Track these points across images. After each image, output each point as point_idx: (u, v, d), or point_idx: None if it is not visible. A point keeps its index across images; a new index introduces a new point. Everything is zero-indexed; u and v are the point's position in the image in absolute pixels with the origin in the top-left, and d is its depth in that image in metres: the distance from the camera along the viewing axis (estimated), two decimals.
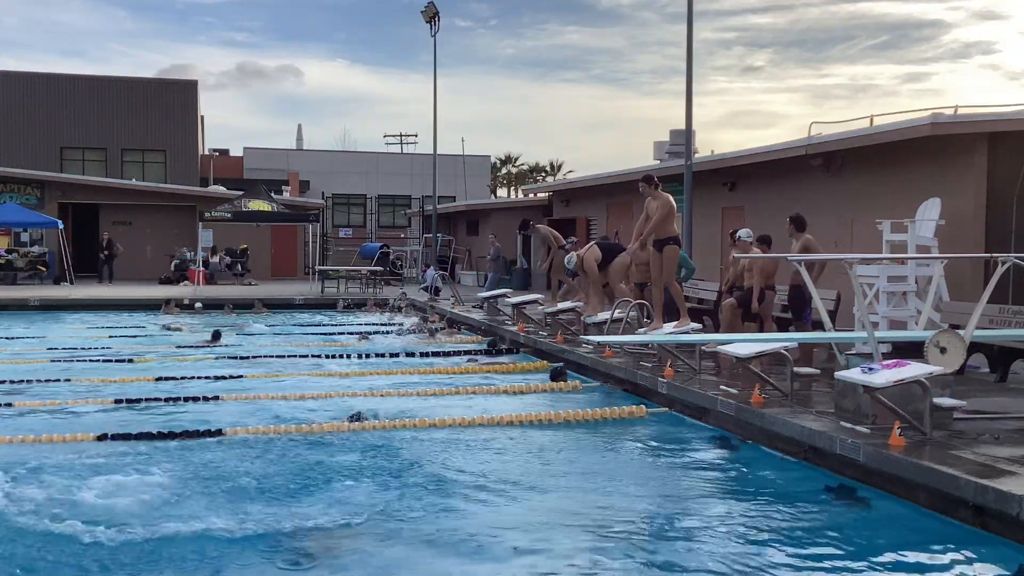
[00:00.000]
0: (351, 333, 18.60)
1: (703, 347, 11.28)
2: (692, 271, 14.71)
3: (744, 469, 8.18)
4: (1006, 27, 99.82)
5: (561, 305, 16.46)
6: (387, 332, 18.49)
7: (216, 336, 17.02)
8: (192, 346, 16.44)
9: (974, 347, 9.70)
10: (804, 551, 6.01)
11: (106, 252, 31.58)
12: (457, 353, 15.40)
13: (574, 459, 8.50)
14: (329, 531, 6.28)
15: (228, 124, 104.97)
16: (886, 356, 8.82)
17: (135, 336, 18.12)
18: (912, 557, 5.87)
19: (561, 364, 13.13)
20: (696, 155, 20.04)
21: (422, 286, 27.91)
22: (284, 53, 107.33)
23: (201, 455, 8.31)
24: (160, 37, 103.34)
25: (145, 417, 10.02)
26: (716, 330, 13.04)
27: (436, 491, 7.29)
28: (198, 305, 23.30)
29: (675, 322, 12.39)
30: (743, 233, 12.54)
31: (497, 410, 10.41)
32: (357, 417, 9.66)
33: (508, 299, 19.47)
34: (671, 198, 12.18)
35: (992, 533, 6.00)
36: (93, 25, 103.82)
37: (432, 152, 35.41)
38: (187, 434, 8.93)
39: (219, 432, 9.02)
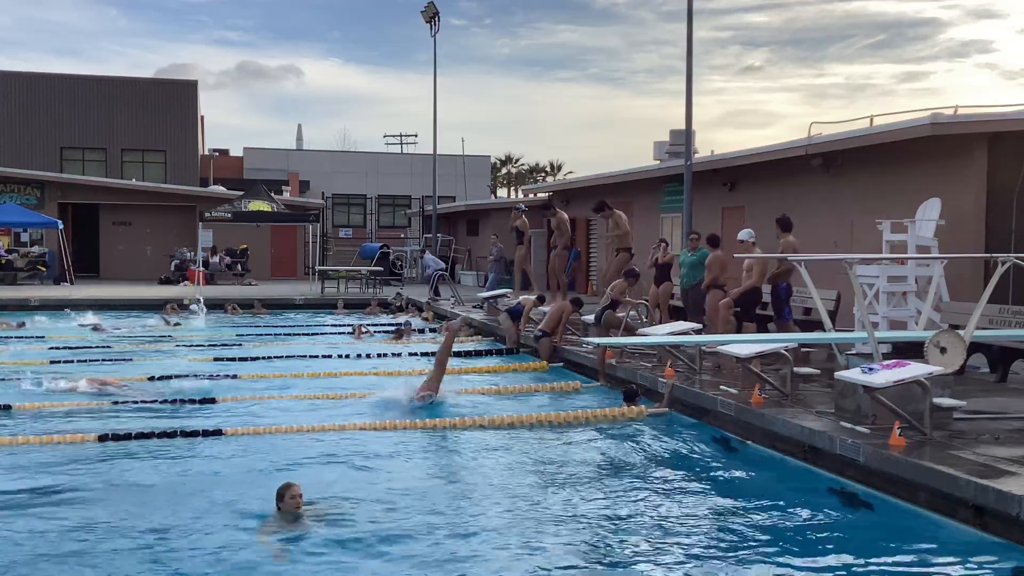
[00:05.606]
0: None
1: (703, 347, 11.29)
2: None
3: (744, 469, 8.18)
4: (1003, 26, 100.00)
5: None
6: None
7: (399, 334, 17.45)
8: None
9: (974, 347, 9.70)
10: (804, 551, 6.02)
11: None
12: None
13: (573, 459, 8.49)
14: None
15: (228, 124, 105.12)
16: (886, 356, 8.82)
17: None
18: (912, 557, 5.87)
19: (634, 386, 11.01)
20: (696, 155, 20.02)
21: (425, 273, 27.98)
22: (277, 52, 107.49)
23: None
24: (153, 36, 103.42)
25: None
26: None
27: (429, 491, 7.30)
28: (193, 308, 22.62)
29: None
30: (744, 234, 13.08)
31: (497, 410, 10.42)
32: None
33: (508, 299, 19.48)
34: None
35: (992, 533, 6.01)
36: (86, 24, 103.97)
37: (432, 152, 35.40)
38: None
39: None
